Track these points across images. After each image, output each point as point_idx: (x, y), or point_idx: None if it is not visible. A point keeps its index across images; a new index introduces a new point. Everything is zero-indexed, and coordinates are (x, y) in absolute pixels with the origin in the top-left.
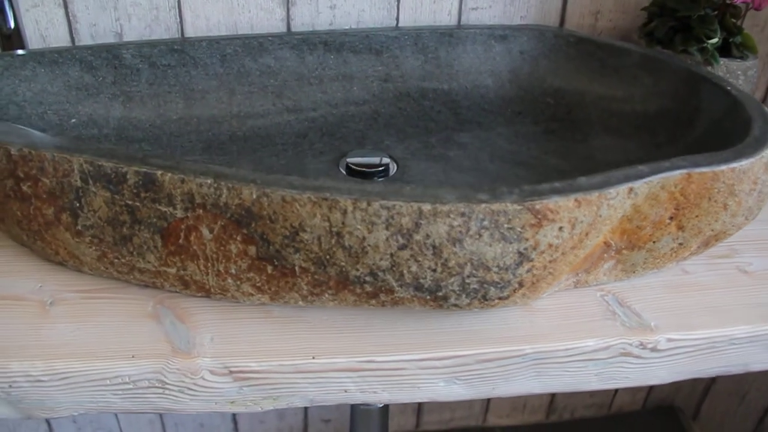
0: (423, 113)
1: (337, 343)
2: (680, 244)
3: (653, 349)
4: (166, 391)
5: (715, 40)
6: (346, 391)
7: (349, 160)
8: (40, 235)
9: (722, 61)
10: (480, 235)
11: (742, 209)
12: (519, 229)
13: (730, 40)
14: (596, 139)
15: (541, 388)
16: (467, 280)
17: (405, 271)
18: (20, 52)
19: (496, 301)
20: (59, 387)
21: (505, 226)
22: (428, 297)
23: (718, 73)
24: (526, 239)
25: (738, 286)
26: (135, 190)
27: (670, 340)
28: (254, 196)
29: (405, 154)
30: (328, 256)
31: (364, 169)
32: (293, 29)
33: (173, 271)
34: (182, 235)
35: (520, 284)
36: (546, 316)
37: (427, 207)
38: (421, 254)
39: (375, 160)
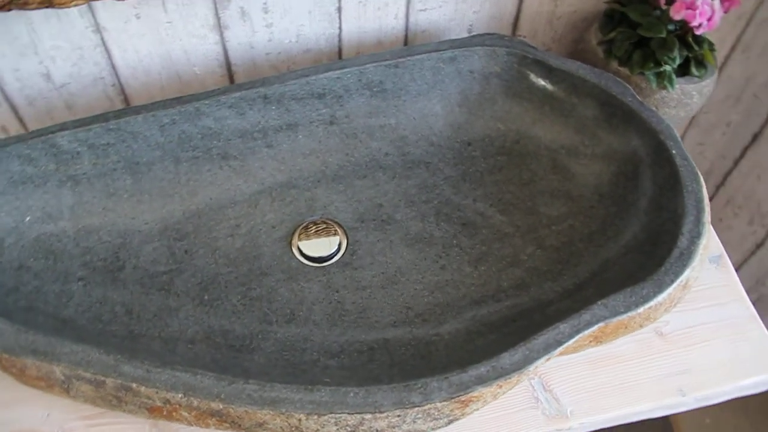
0: (371, 158)
1: None
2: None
3: None
4: None
5: (673, 66)
6: None
7: (300, 245)
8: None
9: (678, 83)
10: (414, 422)
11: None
12: (447, 412)
13: (690, 56)
14: (542, 181)
15: None
16: None
17: None
18: None
19: None
20: None
21: (435, 414)
22: None
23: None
24: (454, 414)
25: (651, 354)
26: (115, 390)
27: (582, 424)
28: (221, 407)
29: (354, 221)
30: None
31: (317, 254)
32: (229, 50)
33: (162, 422)
34: (165, 412)
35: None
36: None
37: (367, 416)
38: None
39: (325, 245)
